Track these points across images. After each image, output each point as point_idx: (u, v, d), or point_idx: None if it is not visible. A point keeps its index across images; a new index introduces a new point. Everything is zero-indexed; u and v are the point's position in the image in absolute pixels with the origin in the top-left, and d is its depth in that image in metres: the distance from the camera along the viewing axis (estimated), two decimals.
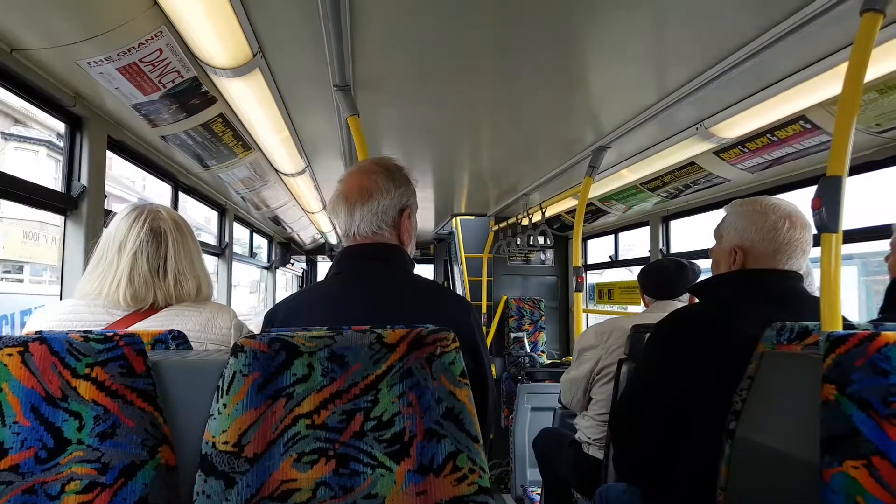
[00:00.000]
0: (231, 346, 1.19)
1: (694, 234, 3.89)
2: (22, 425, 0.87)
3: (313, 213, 5.11)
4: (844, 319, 1.23)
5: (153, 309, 1.30)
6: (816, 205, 1.20)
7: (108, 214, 1.40)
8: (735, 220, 1.48)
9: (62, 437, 0.88)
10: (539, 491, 3.25)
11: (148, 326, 1.26)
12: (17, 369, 0.88)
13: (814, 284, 2.10)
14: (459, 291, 5.94)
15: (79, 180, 1.99)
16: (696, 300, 1.62)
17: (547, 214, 4.41)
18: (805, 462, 0.97)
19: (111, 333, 0.92)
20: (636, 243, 4.86)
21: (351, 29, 1.63)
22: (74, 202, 1.98)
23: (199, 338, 1.29)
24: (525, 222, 4.56)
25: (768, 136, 2.41)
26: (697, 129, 2.49)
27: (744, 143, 2.56)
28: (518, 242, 4.61)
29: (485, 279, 5.54)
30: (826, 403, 0.93)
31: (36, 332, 0.92)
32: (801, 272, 1.45)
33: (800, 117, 2.19)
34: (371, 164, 1.32)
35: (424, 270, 9.51)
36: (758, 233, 1.42)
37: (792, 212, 1.43)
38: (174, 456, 0.93)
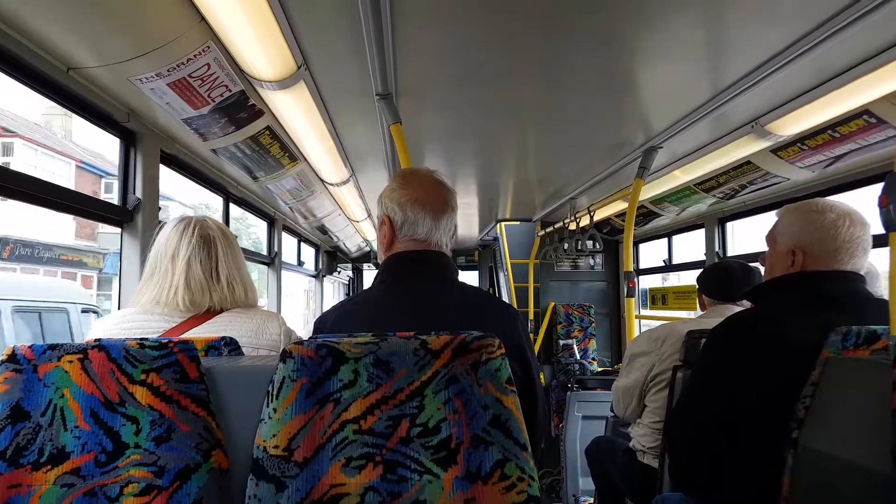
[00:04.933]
0: (281, 348, 1.25)
1: (752, 235, 3.75)
2: (82, 429, 0.90)
3: (358, 221, 5.17)
4: None
5: (209, 314, 1.35)
6: (884, 202, 1.12)
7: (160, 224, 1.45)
8: (791, 222, 1.43)
9: (120, 441, 0.90)
10: (591, 501, 3.17)
11: (204, 332, 1.30)
12: (78, 375, 0.91)
13: (881, 287, 2.00)
14: (505, 298, 5.90)
15: (134, 193, 2.07)
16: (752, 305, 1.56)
17: (595, 218, 4.33)
18: (874, 473, 0.92)
19: (166, 340, 0.95)
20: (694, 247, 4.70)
21: (392, 38, 1.64)
22: (130, 214, 2.06)
23: (252, 343, 1.32)
24: (572, 227, 4.49)
25: (829, 132, 2.29)
26: (753, 126, 2.39)
27: (803, 141, 2.44)
28: (566, 247, 4.54)
29: (531, 285, 5.48)
30: None
31: (95, 340, 0.95)
32: (862, 272, 1.38)
33: (863, 111, 2.07)
34: (437, 179, 1.35)
35: (469, 277, 9.50)
36: (817, 231, 1.37)
37: (850, 210, 1.38)
38: (227, 460, 0.94)
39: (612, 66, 1.92)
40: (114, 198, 2.13)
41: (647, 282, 5.37)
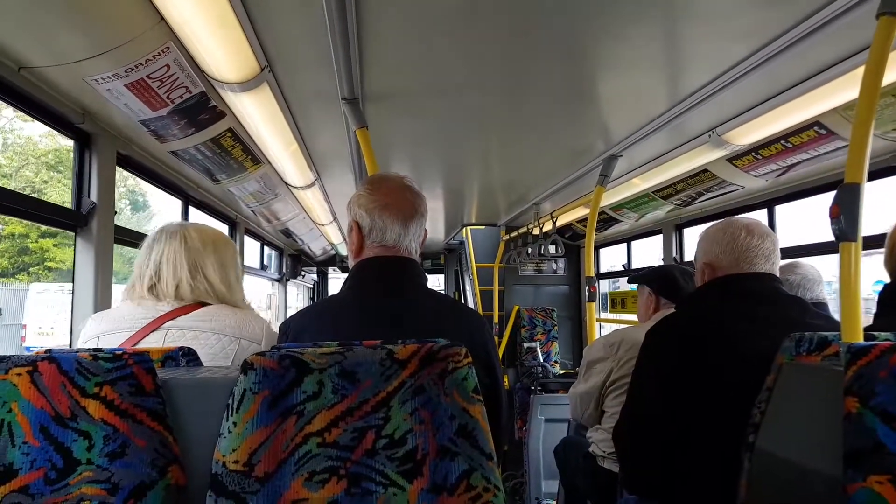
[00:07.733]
0: (262, 343, 1.40)
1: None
2: (31, 446, 0.86)
3: (323, 224, 5.11)
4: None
5: (196, 305, 1.40)
6: (835, 213, 1.17)
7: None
8: (701, 243, 1.59)
9: (72, 457, 0.86)
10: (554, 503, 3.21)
11: (191, 322, 1.37)
12: (27, 389, 0.87)
13: (822, 292, 2.15)
14: (471, 301, 5.92)
15: (88, 196, 2.00)
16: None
17: (558, 223, 4.39)
18: (827, 476, 0.95)
19: (120, 352, 0.92)
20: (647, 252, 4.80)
21: (359, 41, 1.63)
22: (84, 219, 1.99)
23: (235, 333, 1.39)
24: (536, 231, 4.54)
25: (782, 142, 2.37)
26: (710, 136, 2.46)
27: (757, 150, 2.52)
28: (529, 252, 4.59)
29: (496, 289, 5.51)
30: (848, 417, 0.90)
31: (45, 351, 0.91)
32: (776, 274, 1.52)
33: (814, 123, 2.16)
34: (406, 184, 1.34)
35: (435, 280, 9.50)
36: (719, 245, 1.52)
37: (749, 223, 1.52)
38: (184, 476, 0.91)
39: (575, 77, 1.95)
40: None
41: (606, 285, 5.47)
